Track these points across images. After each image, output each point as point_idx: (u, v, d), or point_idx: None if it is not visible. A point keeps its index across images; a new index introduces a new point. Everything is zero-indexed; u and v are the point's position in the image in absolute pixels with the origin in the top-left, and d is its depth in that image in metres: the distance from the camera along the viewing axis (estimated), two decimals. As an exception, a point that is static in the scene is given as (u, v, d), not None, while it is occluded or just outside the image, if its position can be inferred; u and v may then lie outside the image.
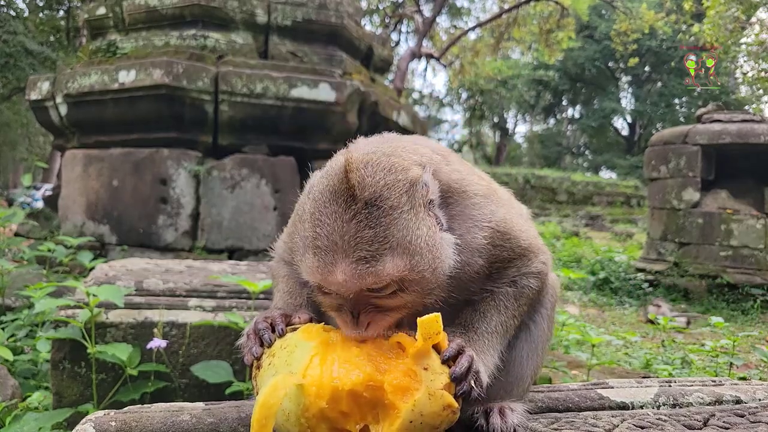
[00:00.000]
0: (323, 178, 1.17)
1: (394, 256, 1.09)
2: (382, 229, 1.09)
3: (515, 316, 1.40)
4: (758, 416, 1.49)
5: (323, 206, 1.12)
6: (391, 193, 1.12)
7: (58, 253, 5.38)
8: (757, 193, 9.88)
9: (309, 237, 1.14)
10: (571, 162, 49.28)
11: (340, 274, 1.09)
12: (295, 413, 1.09)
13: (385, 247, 1.09)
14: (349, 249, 1.08)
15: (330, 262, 1.10)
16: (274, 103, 6.95)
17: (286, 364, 1.15)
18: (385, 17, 27.84)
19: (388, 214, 1.10)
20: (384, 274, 1.09)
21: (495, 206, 1.36)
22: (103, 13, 7.85)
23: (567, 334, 5.11)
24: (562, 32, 22.17)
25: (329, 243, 1.10)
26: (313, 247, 1.12)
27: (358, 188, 1.09)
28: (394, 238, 1.10)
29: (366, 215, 1.09)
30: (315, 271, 1.13)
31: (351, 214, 1.09)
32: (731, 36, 13.35)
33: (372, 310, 1.17)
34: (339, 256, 1.09)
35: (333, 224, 1.09)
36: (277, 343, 1.23)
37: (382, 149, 1.21)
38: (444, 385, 1.12)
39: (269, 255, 1.62)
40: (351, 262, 1.08)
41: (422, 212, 1.16)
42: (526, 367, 1.46)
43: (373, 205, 1.09)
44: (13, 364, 3.61)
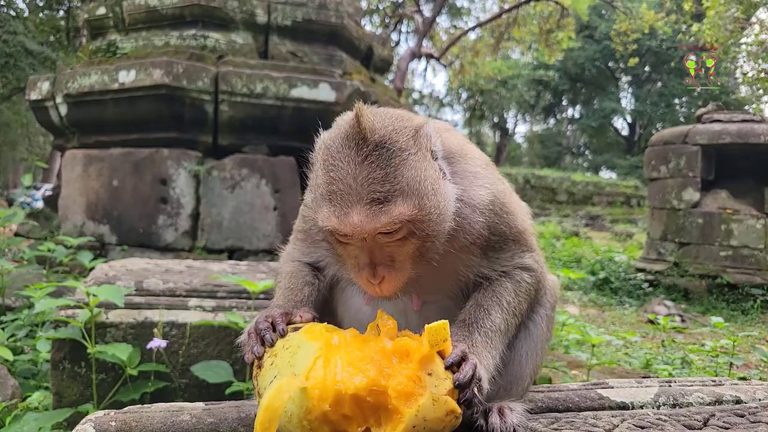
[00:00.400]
0: (334, 129, 1.23)
1: (404, 197, 1.15)
2: (392, 169, 1.14)
3: (516, 315, 1.41)
4: (758, 416, 1.49)
5: (335, 152, 1.17)
6: (399, 136, 1.18)
7: (58, 253, 5.38)
8: (757, 193, 9.88)
9: (323, 183, 1.18)
10: (571, 162, 49.28)
11: (356, 216, 1.14)
12: (298, 415, 1.09)
13: (396, 187, 1.14)
14: (362, 191, 1.13)
15: (345, 205, 1.15)
16: (274, 103, 6.95)
17: (289, 365, 1.15)
18: (385, 17, 27.84)
19: (397, 155, 1.16)
20: (396, 214, 1.14)
21: (495, 178, 1.42)
22: (103, 13, 7.85)
23: (567, 334, 5.11)
24: (562, 32, 22.16)
25: (343, 186, 1.15)
26: (328, 193, 1.17)
27: (368, 131, 1.15)
28: (404, 179, 1.15)
29: (377, 156, 1.14)
30: (331, 215, 1.16)
31: (363, 156, 1.14)
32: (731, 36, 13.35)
33: (387, 262, 1.21)
34: (353, 198, 1.14)
35: (346, 167, 1.15)
36: (279, 343, 1.22)
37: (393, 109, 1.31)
38: (448, 390, 1.12)
39: (270, 254, 1.63)
40: (365, 203, 1.13)
41: (428, 157, 1.22)
42: (526, 367, 1.47)
43: (383, 146, 1.15)
44: (13, 364, 3.61)
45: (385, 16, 27.86)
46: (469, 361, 1.19)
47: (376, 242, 1.19)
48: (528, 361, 1.47)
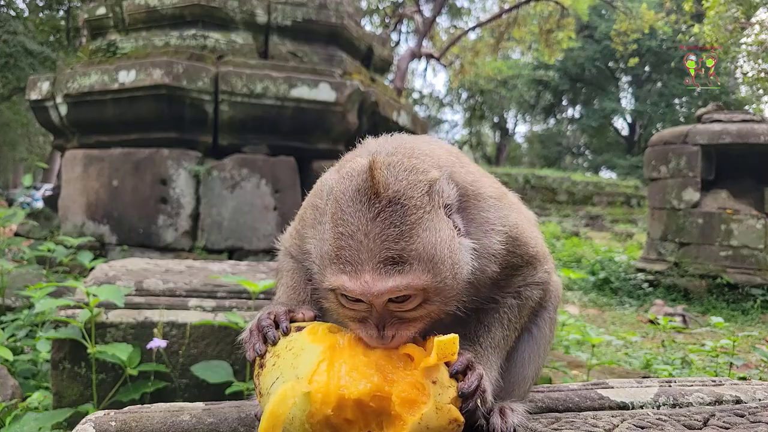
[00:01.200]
0: (345, 179, 1.13)
1: (420, 262, 1.08)
2: (407, 227, 1.07)
3: (516, 329, 1.42)
4: (758, 416, 1.49)
5: (346, 206, 1.09)
6: (413, 192, 1.11)
7: (58, 253, 5.38)
8: (757, 193, 9.88)
9: (331, 239, 1.11)
10: (571, 162, 49.29)
11: (368, 275, 1.06)
12: (300, 418, 1.09)
13: (411, 248, 1.07)
14: (375, 248, 1.06)
15: (356, 263, 1.07)
16: (274, 103, 6.95)
17: (292, 367, 1.14)
18: (385, 17, 27.85)
19: (412, 212, 1.09)
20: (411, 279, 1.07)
21: (508, 210, 1.35)
22: (103, 13, 7.85)
23: (567, 334, 5.11)
24: (562, 32, 22.16)
25: (354, 243, 1.07)
26: (337, 249, 1.09)
27: (382, 186, 1.08)
28: (419, 239, 1.08)
29: (391, 213, 1.07)
30: (341, 274, 1.09)
31: (375, 212, 1.07)
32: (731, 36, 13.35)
33: (396, 321, 1.15)
34: (365, 256, 1.06)
35: (357, 223, 1.07)
36: (281, 343, 1.21)
37: (402, 151, 1.21)
38: (451, 399, 1.12)
39: (270, 254, 1.61)
40: (378, 261, 1.06)
41: (442, 214, 1.15)
42: (528, 369, 1.47)
43: (397, 203, 1.08)
44: (13, 364, 3.61)
45: (385, 16, 27.87)
46: (476, 372, 1.18)
47: (385, 309, 1.13)
48: (530, 363, 1.48)
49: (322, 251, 1.14)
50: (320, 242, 1.16)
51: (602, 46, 36.62)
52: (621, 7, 22.02)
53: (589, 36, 38.29)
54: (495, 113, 47.20)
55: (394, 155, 1.18)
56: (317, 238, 1.17)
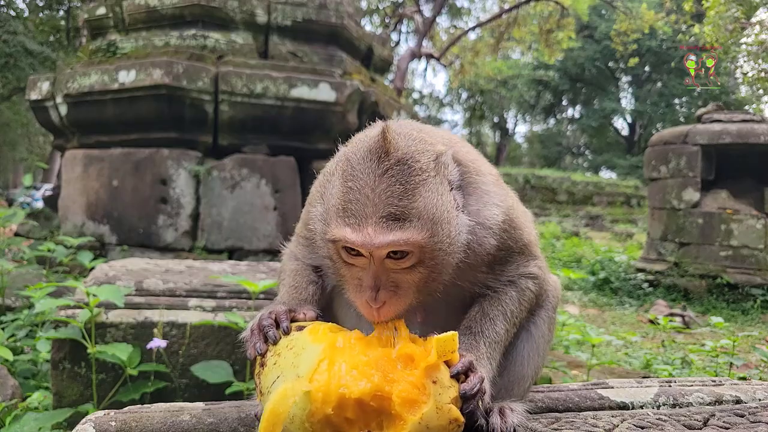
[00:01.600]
0: (355, 142, 1.22)
1: (420, 220, 1.14)
2: (411, 186, 1.14)
3: (516, 324, 1.43)
4: (758, 416, 1.49)
5: (356, 163, 1.16)
6: (421, 156, 1.18)
7: (58, 253, 5.38)
8: (757, 193, 9.88)
9: (338, 194, 1.17)
10: (571, 162, 49.28)
11: (371, 228, 1.11)
12: (300, 417, 1.09)
13: (414, 206, 1.13)
14: (379, 203, 1.12)
15: (360, 216, 1.13)
16: (274, 103, 6.95)
17: (292, 366, 1.14)
18: (385, 17, 27.85)
19: (417, 174, 1.15)
20: (410, 234, 1.12)
21: (505, 192, 1.41)
22: (103, 13, 7.86)
23: (567, 334, 5.11)
24: (562, 32, 22.15)
25: (360, 197, 1.13)
26: (344, 202, 1.15)
27: (393, 146, 1.15)
28: (422, 199, 1.14)
29: (398, 171, 1.14)
30: (345, 226, 1.14)
31: (383, 169, 1.14)
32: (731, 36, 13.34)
33: (390, 287, 1.19)
34: (370, 210, 1.12)
35: (365, 178, 1.14)
36: (282, 342, 1.21)
37: (412, 125, 1.31)
38: (452, 399, 1.12)
39: (270, 254, 1.62)
40: (381, 216, 1.12)
41: (445, 184, 1.21)
42: (527, 368, 1.47)
43: (405, 163, 1.15)
44: (13, 364, 3.61)
45: (385, 16, 27.87)
46: (477, 374, 1.19)
47: (383, 266, 1.17)
48: (530, 362, 1.48)
49: (329, 205, 1.20)
50: (328, 198, 1.22)
51: (602, 46, 36.62)
52: (621, 7, 22.02)
53: (589, 36, 38.29)
54: (495, 113, 47.21)
55: (405, 127, 1.27)
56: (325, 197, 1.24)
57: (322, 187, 1.32)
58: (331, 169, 1.27)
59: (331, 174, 1.25)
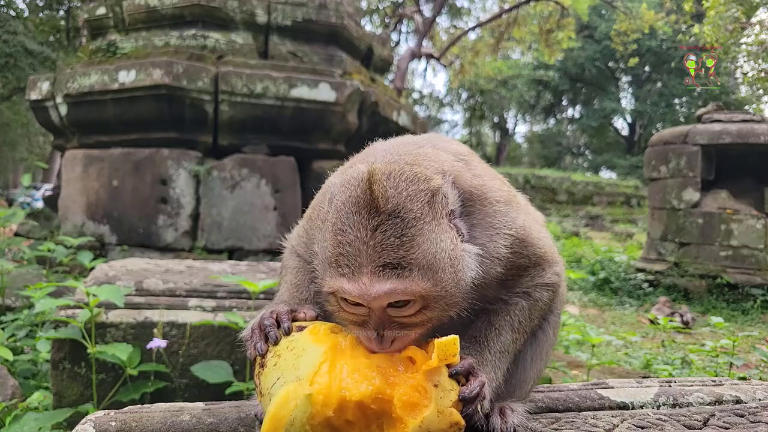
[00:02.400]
0: (344, 188, 1.14)
1: (420, 270, 1.08)
2: (407, 239, 1.08)
3: (526, 332, 1.40)
4: (758, 416, 1.49)
5: (346, 217, 1.10)
6: (413, 204, 1.10)
7: (58, 253, 5.38)
8: (757, 193, 9.88)
9: (331, 246, 1.11)
10: (571, 162, 49.28)
11: (366, 279, 1.07)
12: (300, 420, 1.09)
13: (411, 255, 1.08)
14: (374, 254, 1.07)
15: (355, 267, 1.08)
16: (274, 103, 6.95)
17: (293, 368, 1.14)
18: (385, 17, 27.85)
19: (412, 225, 1.09)
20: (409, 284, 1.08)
21: (515, 213, 1.35)
22: (103, 13, 7.85)
23: (567, 334, 5.11)
24: (562, 32, 22.16)
25: (354, 249, 1.08)
26: (337, 255, 1.10)
27: (381, 200, 1.08)
28: (419, 250, 1.08)
29: (390, 225, 1.08)
30: (340, 277, 1.10)
31: (374, 225, 1.07)
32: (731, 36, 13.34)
33: (396, 326, 1.15)
34: (364, 261, 1.07)
35: (356, 233, 1.08)
36: (283, 343, 1.20)
37: (404, 158, 1.21)
38: (453, 402, 1.12)
39: (269, 255, 1.61)
40: (377, 266, 1.07)
41: (444, 223, 1.15)
42: (530, 371, 1.46)
43: (397, 216, 1.08)
44: (13, 364, 3.61)
45: (385, 16, 27.88)
46: (478, 378, 1.18)
47: (385, 314, 1.13)
48: (533, 365, 1.47)
49: (323, 256, 1.15)
50: (322, 247, 1.16)
51: (602, 46, 36.62)
52: (621, 7, 22.03)
53: (589, 36, 38.30)
54: (495, 113, 47.21)
55: (396, 163, 1.17)
56: (320, 243, 1.18)
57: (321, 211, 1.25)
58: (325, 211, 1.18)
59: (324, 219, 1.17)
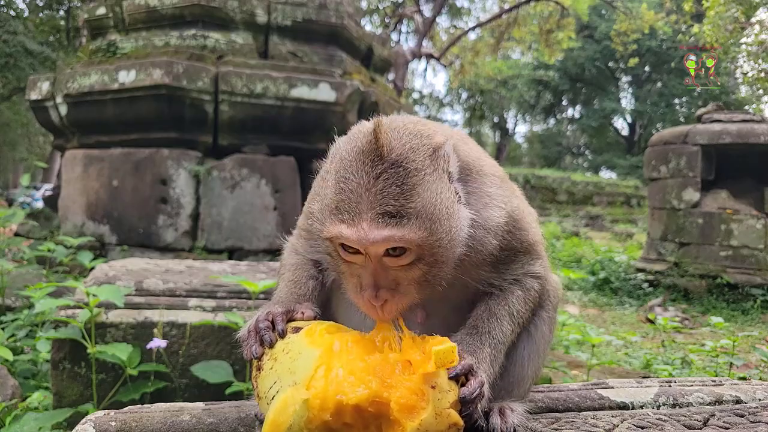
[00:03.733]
0: (349, 140, 1.19)
1: (417, 219, 1.11)
2: (407, 188, 1.11)
3: (521, 324, 1.42)
4: (758, 416, 1.49)
5: (349, 165, 1.13)
6: (416, 155, 1.14)
7: (58, 253, 5.38)
8: (757, 193, 9.88)
9: (333, 193, 1.14)
10: (571, 162, 49.28)
11: (366, 224, 1.09)
12: (298, 424, 1.09)
13: (410, 206, 1.11)
14: (375, 202, 1.10)
15: (355, 213, 1.11)
16: (274, 103, 6.95)
17: (289, 372, 1.14)
18: (385, 17, 27.85)
19: (413, 174, 1.12)
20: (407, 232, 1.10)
21: (510, 193, 1.39)
22: (103, 13, 7.86)
23: (567, 334, 5.11)
24: (562, 32, 22.16)
25: (355, 196, 1.11)
26: (338, 201, 1.13)
27: (385, 149, 1.12)
28: (419, 199, 1.12)
29: (392, 174, 1.11)
30: (339, 223, 1.12)
31: (377, 172, 1.11)
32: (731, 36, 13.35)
33: (391, 285, 1.17)
34: (364, 207, 1.10)
35: (359, 180, 1.11)
36: (279, 345, 1.20)
37: (409, 119, 1.26)
38: (451, 403, 1.12)
39: (269, 255, 1.61)
40: (377, 213, 1.09)
41: (444, 178, 1.19)
42: (527, 369, 1.46)
43: (399, 165, 1.12)
44: (13, 364, 3.60)
45: (385, 16, 27.87)
46: (478, 378, 1.18)
47: (381, 263, 1.15)
48: (530, 363, 1.47)
49: (324, 204, 1.18)
50: (323, 197, 1.20)
51: (602, 46, 36.61)
52: (621, 7, 22.03)
53: (589, 36, 38.29)
54: (495, 113, 47.20)
55: (401, 121, 1.23)
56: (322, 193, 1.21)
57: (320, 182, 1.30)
58: (327, 166, 1.24)
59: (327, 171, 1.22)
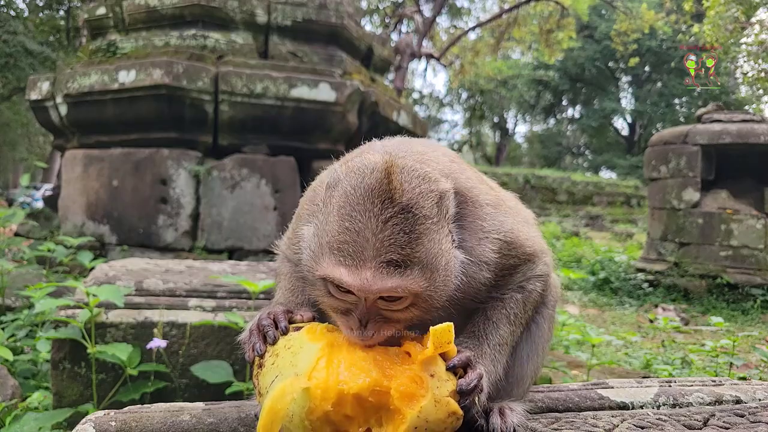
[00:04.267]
0: (355, 174, 1.13)
1: (420, 269, 1.09)
2: (415, 236, 1.08)
3: (522, 324, 1.42)
4: (758, 416, 1.49)
5: (356, 203, 1.09)
6: (425, 202, 1.11)
7: (58, 253, 5.38)
8: (757, 193, 9.88)
9: (335, 231, 1.10)
10: (571, 162, 49.29)
11: (369, 272, 1.07)
12: (299, 415, 1.09)
13: (415, 254, 1.08)
14: (381, 248, 1.06)
15: (359, 258, 1.07)
16: (274, 103, 6.95)
17: (291, 365, 1.14)
18: (385, 17, 27.85)
19: (421, 222, 1.10)
20: (409, 283, 1.08)
21: (503, 216, 1.36)
22: (103, 13, 7.85)
23: (567, 334, 5.11)
24: (562, 32, 22.18)
25: (361, 240, 1.07)
26: (340, 243, 1.09)
27: (398, 192, 1.08)
28: (423, 248, 1.10)
29: (402, 219, 1.08)
30: (339, 266, 1.09)
31: (387, 216, 1.07)
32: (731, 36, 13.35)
33: (380, 319, 1.16)
34: (369, 253, 1.07)
35: (366, 222, 1.07)
36: (280, 342, 1.21)
37: (413, 156, 1.21)
38: (450, 392, 1.13)
39: (270, 255, 1.61)
40: (381, 262, 1.06)
41: (446, 227, 1.17)
42: (527, 368, 1.47)
43: (409, 211, 1.09)
44: (13, 364, 3.61)
45: (385, 16, 27.88)
46: (476, 371, 1.18)
47: (374, 305, 1.14)
48: (529, 362, 1.48)
49: (322, 240, 1.13)
50: (320, 231, 1.15)
51: (602, 46, 36.62)
52: (621, 7, 22.04)
53: (589, 36, 38.30)
54: (495, 113, 47.20)
55: (406, 158, 1.18)
56: (315, 226, 1.17)
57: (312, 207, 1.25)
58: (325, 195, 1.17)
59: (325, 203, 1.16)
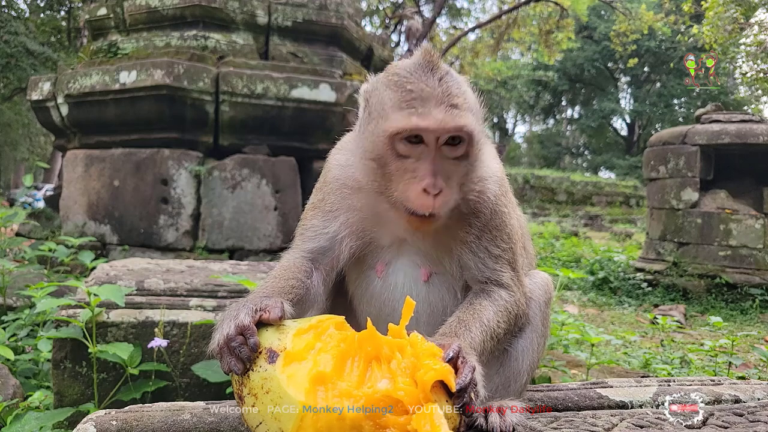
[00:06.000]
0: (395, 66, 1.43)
1: (472, 112, 1.39)
2: (463, 89, 1.39)
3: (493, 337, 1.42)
4: (757, 415, 1.50)
5: (410, 74, 1.36)
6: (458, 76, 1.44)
7: (60, 253, 5.38)
8: (756, 193, 9.88)
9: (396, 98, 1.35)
10: (570, 162, 49.28)
11: (439, 113, 1.31)
12: None
13: (467, 102, 1.38)
14: (443, 96, 1.33)
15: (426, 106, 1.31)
16: (275, 103, 6.96)
17: (274, 419, 1.14)
18: (385, 18, 27.85)
19: (462, 83, 1.41)
20: (469, 120, 1.34)
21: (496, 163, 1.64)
22: (104, 14, 7.86)
23: (566, 333, 5.11)
24: (562, 33, 22.17)
25: (423, 94, 1.32)
26: (406, 101, 1.33)
27: (438, 62, 1.38)
28: (471, 99, 1.42)
29: (450, 78, 1.37)
30: (411, 115, 1.31)
31: (438, 77, 1.36)
32: (730, 37, 13.35)
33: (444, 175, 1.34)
34: (434, 102, 1.32)
35: (425, 82, 1.34)
36: (256, 380, 1.18)
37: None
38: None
39: (270, 254, 1.66)
40: (448, 105, 1.32)
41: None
42: (522, 363, 1.48)
43: (451, 74, 1.39)
44: (14, 364, 3.61)
45: (385, 17, 27.87)
46: (468, 364, 1.18)
47: (440, 152, 1.34)
48: (524, 357, 1.49)
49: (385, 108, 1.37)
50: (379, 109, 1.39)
51: (601, 46, 36.64)
52: (620, 7, 22.02)
53: (588, 37, 38.31)
54: (494, 113, 47.21)
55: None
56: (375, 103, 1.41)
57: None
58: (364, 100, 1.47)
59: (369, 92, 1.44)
